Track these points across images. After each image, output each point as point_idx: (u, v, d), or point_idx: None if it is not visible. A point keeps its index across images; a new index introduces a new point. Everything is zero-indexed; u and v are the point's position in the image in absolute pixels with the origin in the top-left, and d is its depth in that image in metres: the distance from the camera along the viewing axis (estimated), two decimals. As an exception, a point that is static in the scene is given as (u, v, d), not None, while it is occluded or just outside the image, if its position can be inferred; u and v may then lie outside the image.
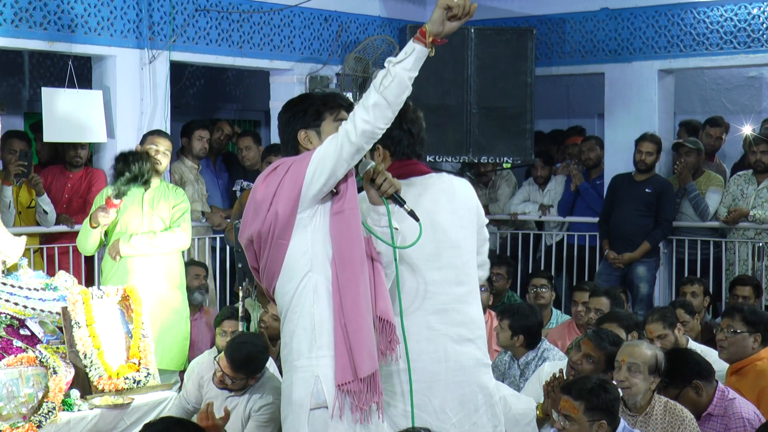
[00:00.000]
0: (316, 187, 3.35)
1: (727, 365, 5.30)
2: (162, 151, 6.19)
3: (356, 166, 3.45)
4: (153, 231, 6.08)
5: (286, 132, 3.57)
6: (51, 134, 6.85)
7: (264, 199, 3.41)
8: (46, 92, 6.84)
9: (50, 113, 6.78)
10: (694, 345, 5.62)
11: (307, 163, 3.35)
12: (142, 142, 6.35)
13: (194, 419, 4.77)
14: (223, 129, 8.50)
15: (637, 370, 4.50)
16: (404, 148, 3.79)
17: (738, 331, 5.14)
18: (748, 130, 8.19)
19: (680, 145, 8.22)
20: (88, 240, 6.02)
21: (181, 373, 6.27)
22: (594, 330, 5.21)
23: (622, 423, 4.19)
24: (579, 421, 4.11)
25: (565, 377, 4.83)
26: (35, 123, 7.50)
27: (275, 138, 8.43)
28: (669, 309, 5.86)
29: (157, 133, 6.41)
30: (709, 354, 5.37)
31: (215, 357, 5.08)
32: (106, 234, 6.11)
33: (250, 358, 4.94)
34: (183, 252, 6.44)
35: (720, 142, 8.63)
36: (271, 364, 5.51)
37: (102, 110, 6.97)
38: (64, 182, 7.28)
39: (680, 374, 4.68)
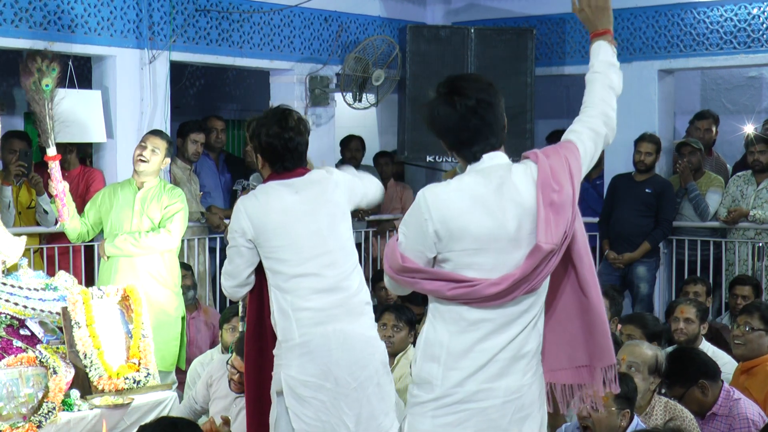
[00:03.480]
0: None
1: (735, 366, 5.30)
2: (150, 149, 6.03)
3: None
4: (138, 231, 6.00)
5: (501, 116, 3.25)
6: (58, 129, 6.84)
7: (565, 209, 3.14)
8: (59, 92, 6.80)
9: (60, 114, 6.76)
10: (706, 345, 5.62)
11: (579, 161, 3.25)
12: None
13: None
14: (216, 127, 8.43)
15: (637, 370, 4.51)
16: (286, 163, 4.15)
17: (755, 328, 5.14)
18: (750, 129, 8.18)
19: (684, 144, 8.22)
20: (55, 217, 6.01)
21: (178, 373, 6.26)
22: None
23: (636, 419, 4.20)
24: (608, 408, 4.13)
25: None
26: (39, 119, 7.51)
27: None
28: (704, 305, 6.00)
29: (152, 132, 6.27)
30: (721, 357, 5.36)
31: (228, 360, 5.04)
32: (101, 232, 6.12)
33: None
34: (181, 252, 6.41)
35: (710, 134, 8.52)
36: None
37: (101, 110, 6.97)
38: (61, 181, 7.28)
39: (687, 373, 4.68)
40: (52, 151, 5.73)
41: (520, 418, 3.21)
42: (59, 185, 5.79)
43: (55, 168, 5.74)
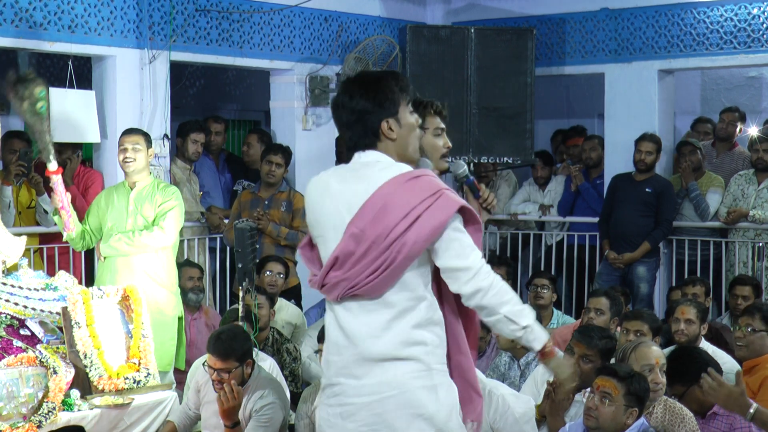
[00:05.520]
0: (431, 252, 3.22)
1: (736, 366, 5.29)
2: (130, 149, 6.00)
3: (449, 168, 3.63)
4: (132, 230, 5.98)
5: (366, 121, 3.29)
6: (55, 135, 6.85)
7: (397, 210, 3.16)
8: (54, 92, 6.81)
9: (54, 114, 6.76)
10: (706, 345, 5.62)
11: (445, 221, 3.16)
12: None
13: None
14: (213, 130, 8.35)
15: (663, 371, 4.53)
16: None
17: (756, 329, 5.14)
18: (753, 130, 8.20)
19: (685, 143, 8.23)
20: (61, 228, 5.90)
21: (177, 373, 6.24)
22: (579, 329, 5.16)
23: (642, 418, 4.21)
24: (616, 403, 4.14)
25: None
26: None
27: (276, 138, 8.44)
28: (704, 306, 5.97)
29: (125, 132, 6.21)
30: (721, 357, 5.36)
31: (203, 363, 4.93)
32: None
33: (230, 340, 4.78)
34: (177, 252, 6.36)
35: (734, 127, 8.52)
36: (272, 367, 5.49)
37: (95, 110, 6.95)
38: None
39: (688, 372, 4.68)
40: (53, 166, 5.63)
41: (409, 416, 3.19)
42: (64, 198, 5.72)
43: (58, 182, 5.66)
